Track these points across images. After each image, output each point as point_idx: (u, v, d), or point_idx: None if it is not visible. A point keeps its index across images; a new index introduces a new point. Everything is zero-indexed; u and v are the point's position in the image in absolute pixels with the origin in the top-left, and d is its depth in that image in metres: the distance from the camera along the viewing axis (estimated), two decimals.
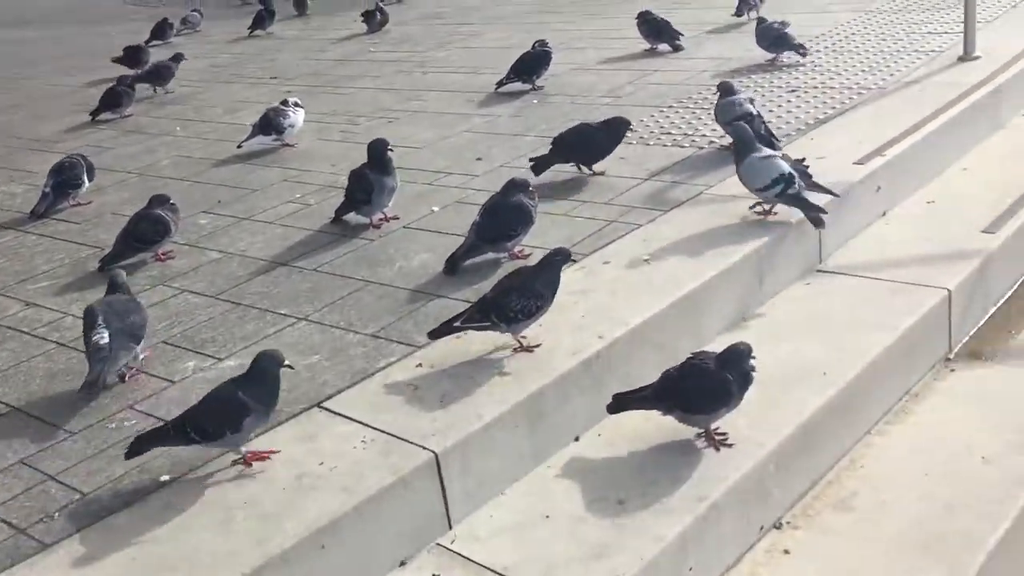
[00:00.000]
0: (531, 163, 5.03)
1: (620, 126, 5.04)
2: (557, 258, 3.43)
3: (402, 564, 2.86)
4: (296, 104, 6.38)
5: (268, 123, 6.26)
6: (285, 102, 6.37)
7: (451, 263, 4.08)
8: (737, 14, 8.08)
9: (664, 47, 7.56)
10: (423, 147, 6.03)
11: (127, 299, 3.68)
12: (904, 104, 5.48)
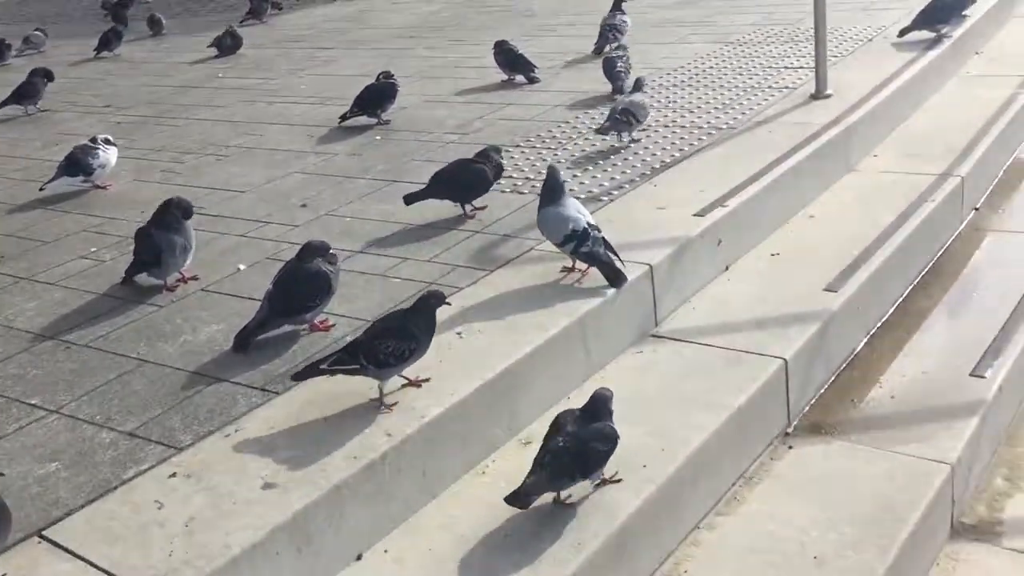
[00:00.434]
0: (405, 198, 4.68)
1: (495, 156, 4.74)
2: (432, 301, 3.23)
3: None
4: (107, 141, 5.78)
5: (75, 163, 5.65)
6: (94, 139, 5.76)
7: (241, 339, 3.59)
8: (596, 51, 7.73)
9: (520, 79, 7.24)
10: (247, 191, 5.52)
11: None
12: (752, 146, 5.23)
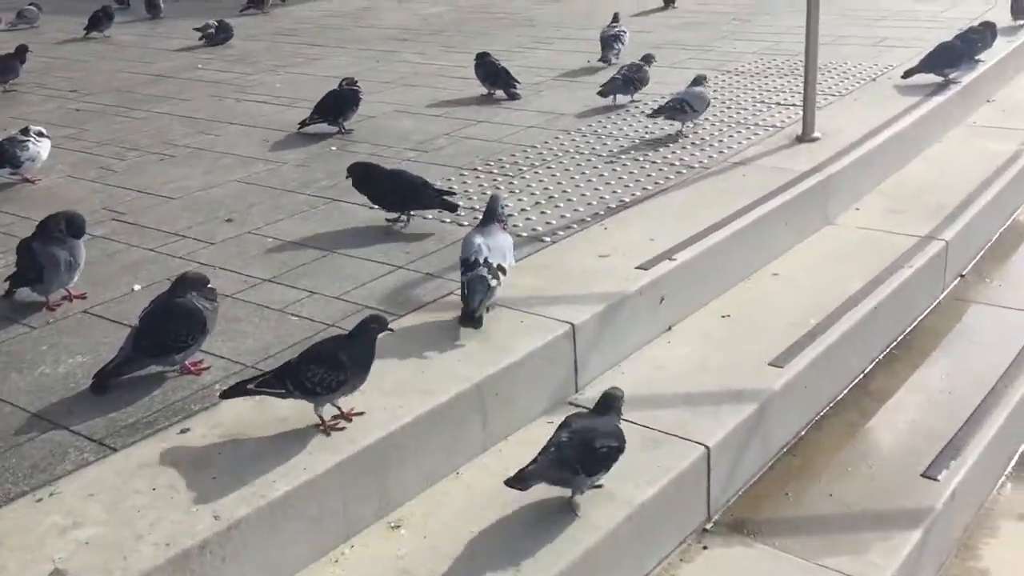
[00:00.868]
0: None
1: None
2: (372, 326, 2.99)
3: None
4: (40, 133, 5.45)
5: (2, 154, 5.32)
6: (26, 130, 5.43)
7: (100, 379, 3.21)
8: (603, 60, 7.55)
9: (500, 94, 6.85)
10: (178, 197, 5.15)
11: None
12: (721, 191, 4.81)
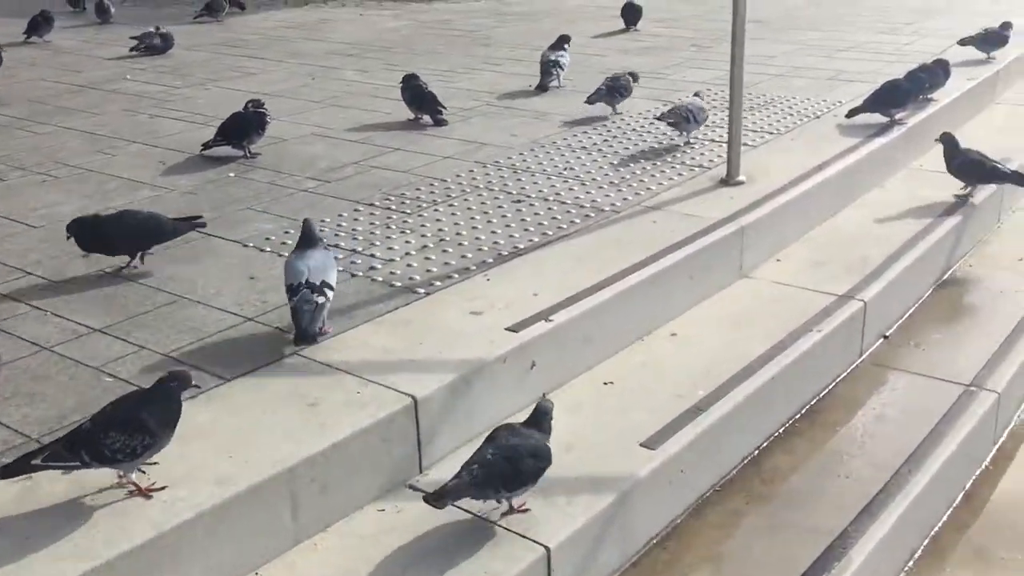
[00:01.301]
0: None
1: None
2: (172, 385, 2.77)
3: None
4: None
5: None
6: None
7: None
8: (540, 88, 7.13)
9: (427, 119, 6.48)
10: (42, 226, 4.76)
11: None
12: (625, 239, 4.42)
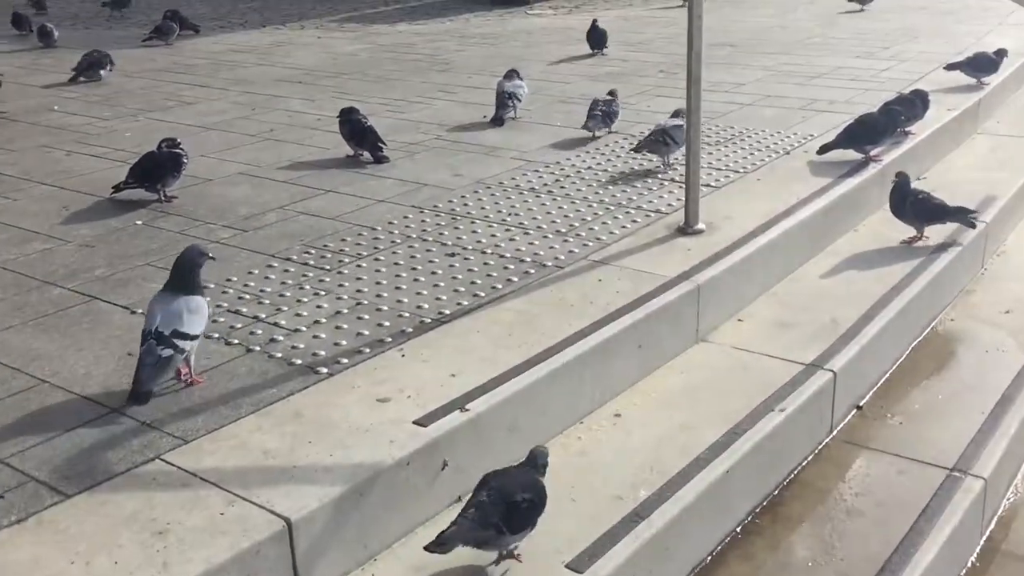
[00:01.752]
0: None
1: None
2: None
3: None
4: None
5: None
6: None
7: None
8: (496, 122, 6.74)
9: (367, 155, 6.00)
10: None
11: None
12: (565, 302, 3.91)
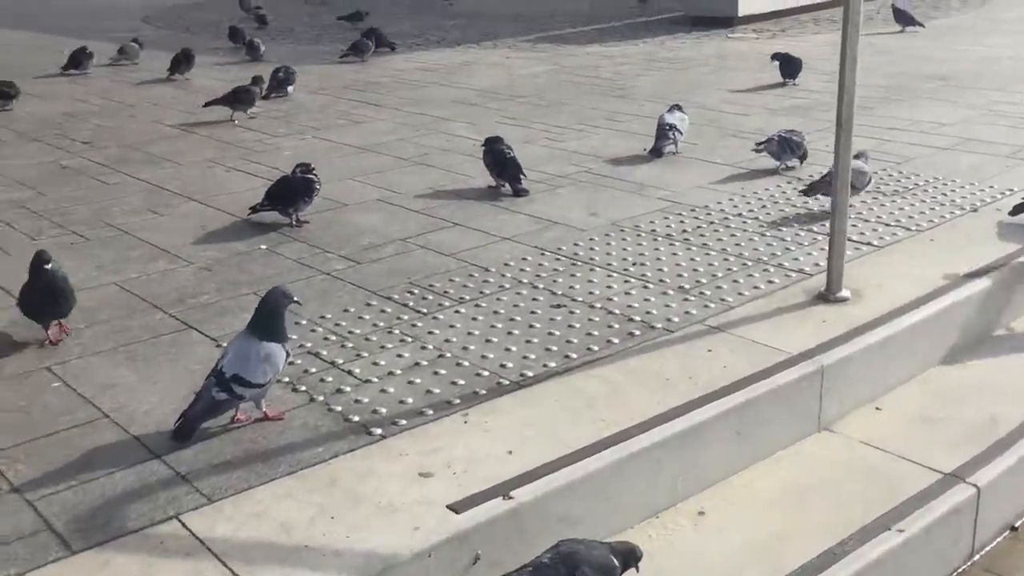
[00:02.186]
0: None
1: None
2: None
3: None
4: None
5: None
6: None
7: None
8: (654, 153, 6.40)
9: (507, 187, 5.78)
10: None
11: None
12: (661, 375, 3.47)
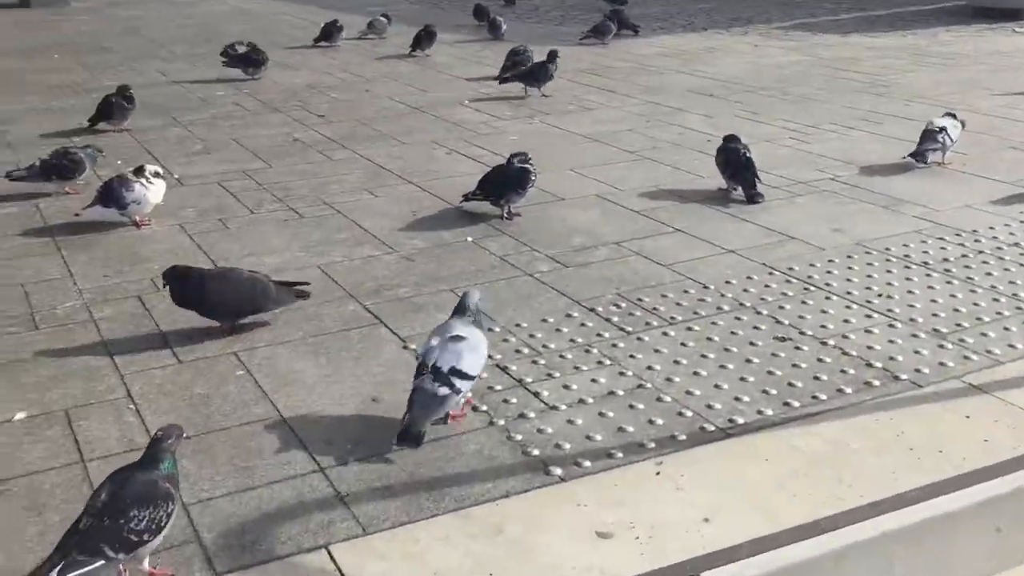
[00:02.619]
0: None
1: None
2: (166, 443, 2.51)
3: None
4: (156, 174, 4.99)
5: (108, 193, 4.93)
6: (140, 169, 4.96)
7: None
8: (917, 157, 5.73)
9: (739, 192, 5.26)
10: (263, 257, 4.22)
11: None
12: (901, 442, 2.86)
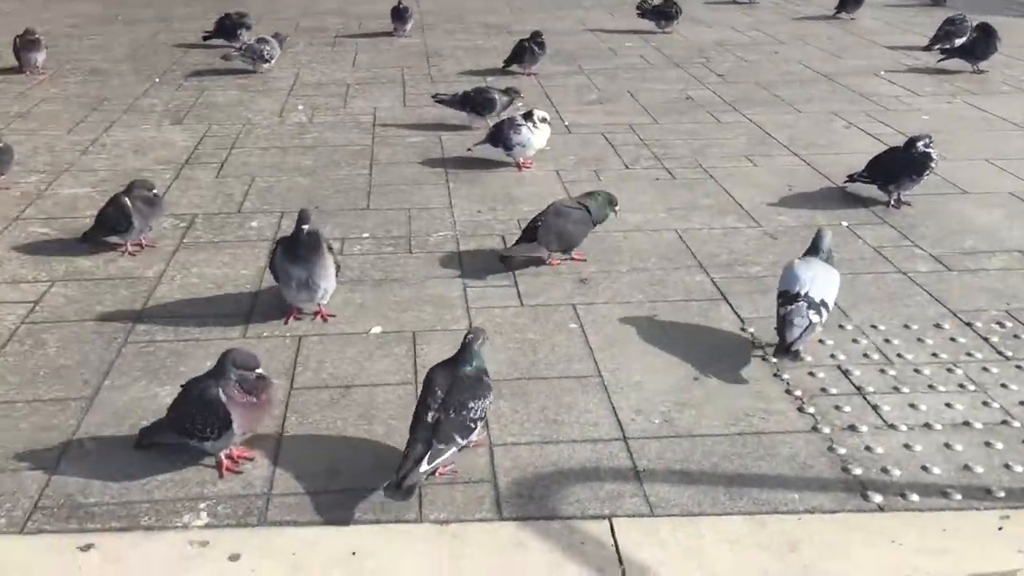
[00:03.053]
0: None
1: None
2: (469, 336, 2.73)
3: None
4: (543, 120, 4.94)
5: (497, 135, 5.00)
6: (529, 114, 4.97)
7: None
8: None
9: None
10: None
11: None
12: None
